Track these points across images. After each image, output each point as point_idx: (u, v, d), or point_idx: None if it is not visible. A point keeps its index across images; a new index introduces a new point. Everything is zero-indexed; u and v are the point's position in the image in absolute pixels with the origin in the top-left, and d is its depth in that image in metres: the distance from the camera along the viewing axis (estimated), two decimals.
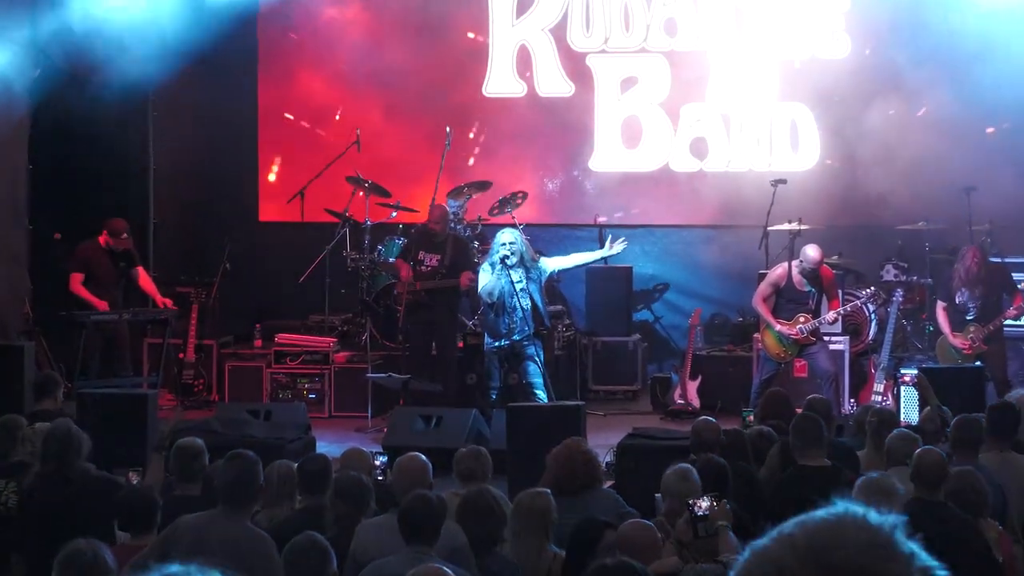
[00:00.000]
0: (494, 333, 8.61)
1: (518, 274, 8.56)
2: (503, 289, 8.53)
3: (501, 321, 8.56)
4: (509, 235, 8.56)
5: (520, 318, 8.50)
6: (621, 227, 11.40)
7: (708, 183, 11.08)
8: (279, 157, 11.81)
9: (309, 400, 9.76)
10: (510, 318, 8.53)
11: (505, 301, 8.55)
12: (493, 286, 8.49)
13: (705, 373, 9.87)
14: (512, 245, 8.49)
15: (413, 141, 11.43)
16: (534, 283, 8.61)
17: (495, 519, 4.55)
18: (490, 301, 8.59)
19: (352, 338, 10.49)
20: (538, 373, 8.56)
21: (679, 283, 11.41)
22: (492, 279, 8.51)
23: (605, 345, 10.55)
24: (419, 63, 11.38)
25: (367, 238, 10.43)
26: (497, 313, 8.59)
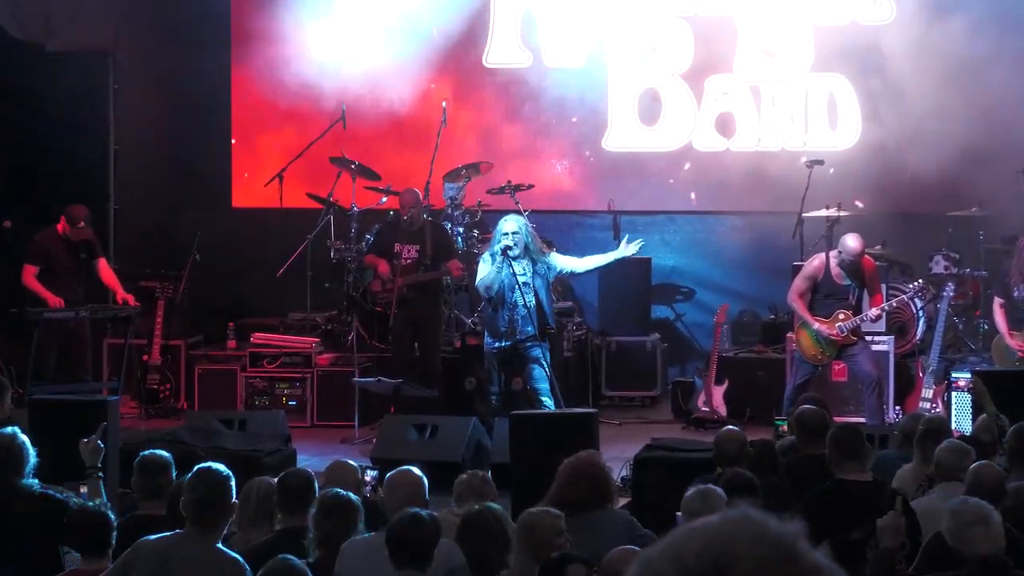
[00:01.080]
0: (494, 331, 8.62)
1: (521, 266, 8.53)
2: (503, 282, 8.51)
3: (500, 317, 8.55)
4: (513, 223, 8.55)
5: (523, 315, 8.49)
6: (638, 214, 11.46)
7: (736, 164, 11.07)
8: (255, 135, 11.84)
9: (289, 408, 9.80)
10: (510, 314, 8.52)
11: (505, 295, 8.53)
12: (492, 279, 8.48)
13: (732, 377, 9.90)
14: (516, 235, 8.47)
15: (405, 118, 11.45)
16: (540, 278, 8.57)
17: (499, 542, 4.56)
18: (487, 296, 8.59)
19: (337, 338, 10.50)
20: (544, 377, 8.55)
21: (703, 276, 11.43)
22: (491, 271, 8.49)
23: (620, 346, 10.59)
24: (411, 31, 11.39)
25: (354, 226, 10.42)
26: (496, 308, 8.59)
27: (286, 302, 10.83)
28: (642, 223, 11.44)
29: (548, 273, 8.59)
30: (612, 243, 11.28)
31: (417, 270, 9.42)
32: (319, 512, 4.85)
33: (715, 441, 5.99)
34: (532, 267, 8.53)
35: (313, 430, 9.80)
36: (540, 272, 8.57)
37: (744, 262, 11.25)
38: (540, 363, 8.55)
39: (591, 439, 6.98)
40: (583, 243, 11.42)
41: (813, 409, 6.45)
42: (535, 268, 8.54)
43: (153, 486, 5.40)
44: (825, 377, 9.28)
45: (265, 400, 9.97)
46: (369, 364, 9.91)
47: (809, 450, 6.06)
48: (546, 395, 8.51)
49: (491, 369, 8.75)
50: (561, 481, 5.38)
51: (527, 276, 8.52)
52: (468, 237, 10.55)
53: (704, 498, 4.95)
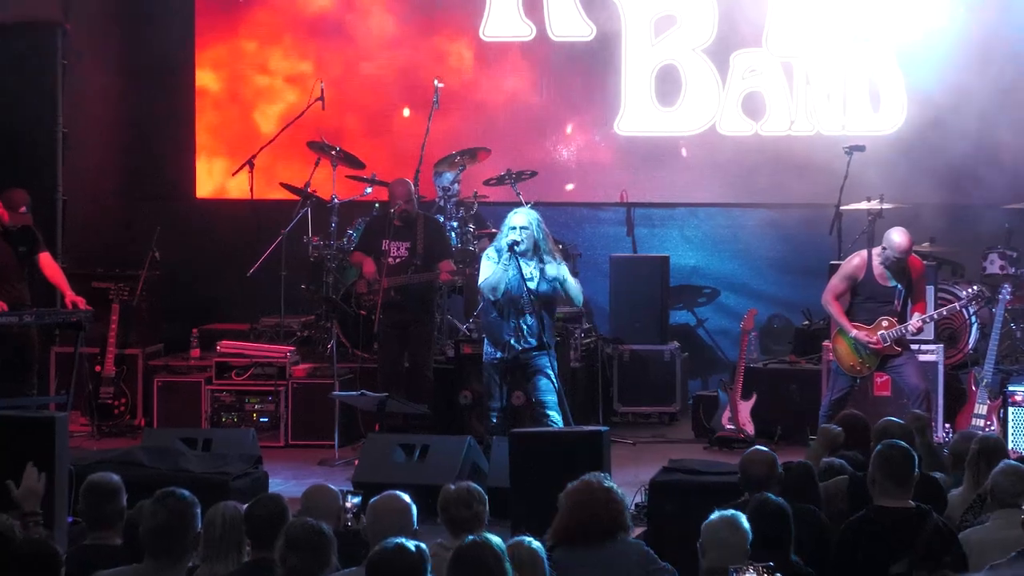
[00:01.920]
0: (496, 340, 8.59)
1: (529, 268, 8.51)
2: (510, 283, 8.47)
3: (506, 325, 8.53)
4: (523, 216, 8.55)
5: (530, 323, 8.50)
6: (654, 206, 11.50)
7: (765, 150, 11.10)
8: (222, 117, 11.83)
9: (260, 425, 9.85)
10: (518, 321, 8.51)
11: (512, 298, 8.49)
12: (498, 279, 8.44)
13: (761, 391, 9.91)
14: (525, 230, 8.44)
15: (392, 98, 11.47)
16: (547, 283, 8.55)
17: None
18: (493, 298, 8.54)
19: (315, 347, 10.55)
20: (551, 390, 8.55)
21: (728, 277, 11.44)
22: (497, 270, 8.45)
23: (635, 355, 10.63)
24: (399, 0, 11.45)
25: (334, 220, 10.46)
26: (502, 313, 8.54)
27: (257, 305, 10.89)
28: (659, 217, 11.49)
29: (558, 278, 8.57)
30: (625, 239, 11.40)
31: (407, 270, 9.45)
32: (285, 544, 4.81)
33: (741, 463, 5.98)
34: (541, 270, 8.52)
35: (287, 451, 9.83)
36: (549, 278, 8.55)
37: (775, 261, 11.27)
38: (546, 374, 8.56)
39: (601, 460, 6.97)
40: (593, 239, 11.52)
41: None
42: (544, 272, 8.53)
43: (102, 513, 5.39)
44: (866, 391, 9.30)
45: (233, 416, 10.00)
46: (351, 376, 9.95)
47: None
48: (553, 409, 8.55)
49: (490, 382, 8.74)
50: (567, 508, 5.38)
51: (535, 280, 8.52)
52: (463, 233, 10.58)
53: (728, 526, 4.94)
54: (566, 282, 8.57)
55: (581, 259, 11.09)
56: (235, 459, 7.81)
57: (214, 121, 11.84)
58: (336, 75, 11.38)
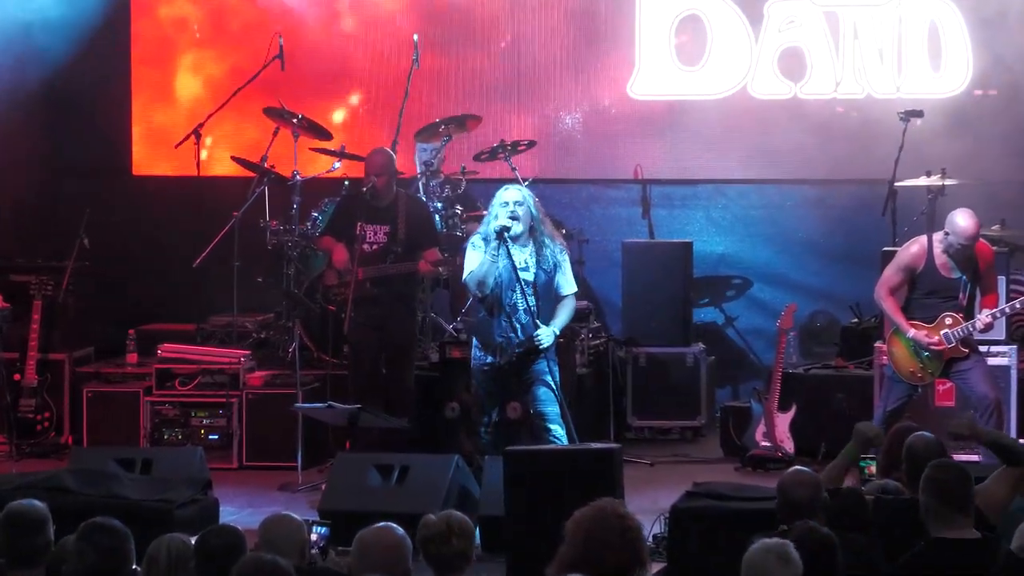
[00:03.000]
0: (487, 342, 8.58)
1: (523, 255, 8.50)
2: (500, 276, 8.45)
3: (496, 324, 8.51)
4: (515, 192, 8.54)
5: (525, 321, 8.47)
6: (675, 183, 11.47)
7: (806, 116, 11.07)
8: (163, 77, 11.75)
9: (209, 443, 9.83)
10: (510, 321, 8.49)
11: (503, 294, 8.47)
12: (485, 271, 8.43)
13: (802, 401, 9.92)
14: (519, 206, 8.43)
15: (365, 56, 11.42)
16: (544, 272, 8.52)
17: None
18: (480, 294, 8.54)
19: (274, 350, 10.54)
20: (552, 400, 8.52)
21: (763, 266, 11.39)
22: (484, 260, 8.44)
23: (652, 359, 10.61)
24: None
25: (296, 200, 10.43)
26: (492, 311, 8.53)
27: (205, 302, 10.85)
28: (680, 196, 11.45)
29: (556, 265, 8.53)
30: (640, 222, 11.39)
31: (385, 259, 9.42)
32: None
33: (779, 486, 6.00)
34: (537, 255, 8.50)
35: (242, 473, 9.84)
36: (546, 267, 8.51)
37: (818, 247, 11.23)
38: (547, 381, 8.52)
39: (613, 484, 6.98)
40: (603, 222, 11.50)
41: (926, 437, 6.53)
42: (540, 258, 8.51)
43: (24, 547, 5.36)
44: (926, 401, 9.32)
45: (177, 433, 10.00)
46: (317, 385, 9.97)
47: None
48: (555, 423, 8.52)
49: (481, 391, 8.76)
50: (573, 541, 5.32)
51: (530, 269, 8.49)
52: (448, 216, 10.56)
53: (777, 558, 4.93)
54: (561, 269, 8.53)
55: (588, 246, 11.09)
56: (180, 484, 7.80)
57: (153, 83, 11.78)
58: (301, 26, 11.35)
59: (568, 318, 8.66)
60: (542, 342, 8.39)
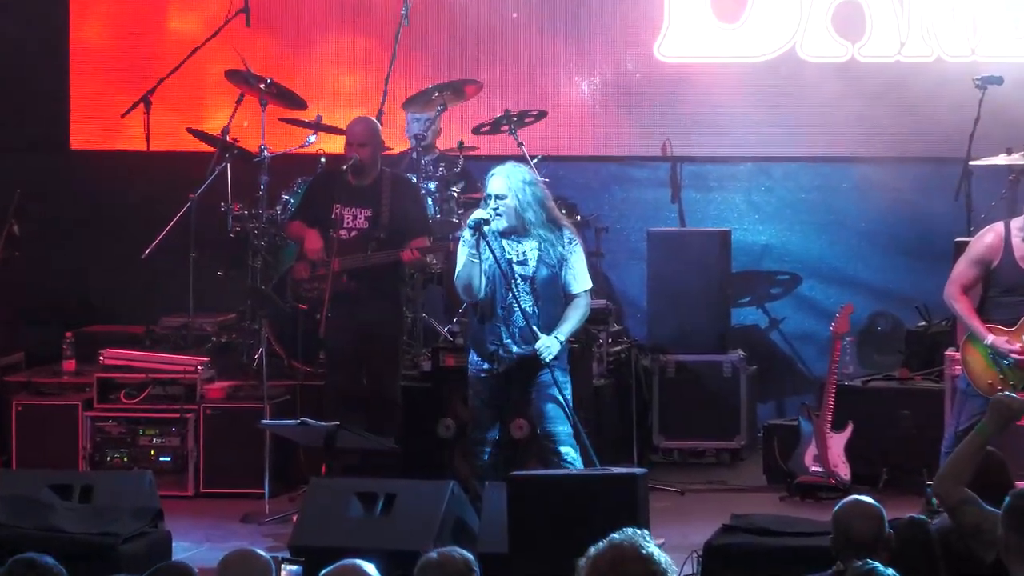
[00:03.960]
0: (482, 349, 8.59)
1: (522, 247, 8.50)
2: (493, 275, 8.45)
3: (489, 330, 8.52)
4: (500, 181, 8.47)
5: (521, 326, 8.46)
6: (711, 161, 11.47)
7: (866, 83, 11.05)
8: (107, 37, 11.73)
9: (160, 467, 9.83)
10: (506, 326, 8.50)
11: (496, 294, 8.48)
12: (469, 273, 8.47)
13: (859, 418, 9.87)
14: (501, 201, 8.39)
15: (345, 11, 11.44)
16: (547, 267, 8.50)
17: None
18: (469, 298, 8.60)
19: (237, 357, 10.56)
20: (564, 417, 8.50)
21: (814, 259, 11.39)
22: (467, 261, 8.47)
23: (683, 369, 10.63)
24: None
25: (264, 180, 10.44)
26: (484, 317, 8.54)
27: (156, 300, 10.93)
28: (717, 176, 11.44)
29: (563, 258, 8.53)
30: (669, 207, 11.43)
31: (366, 248, 9.42)
32: None
33: (834, 519, 5.97)
34: (538, 248, 8.50)
35: (199, 502, 9.84)
36: (549, 260, 8.50)
37: (879, 237, 11.23)
38: (556, 396, 8.49)
39: (636, 515, 6.95)
40: (625, 207, 11.50)
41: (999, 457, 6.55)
42: (541, 252, 8.50)
43: None
44: None
45: (122, 455, 9.96)
46: (288, 397, 9.99)
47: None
48: (567, 443, 8.49)
49: (479, 405, 8.70)
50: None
51: (528, 263, 8.49)
52: (443, 199, 10.56)
53: None
54: (569, 263, 8.49)
55: (608, 235, 11.06)
56: (125, 514, 7.77)
57: (95, 42, 11.77)
58: None
59: (578, 322, 8.62)
60: (543, 354, 8.37)
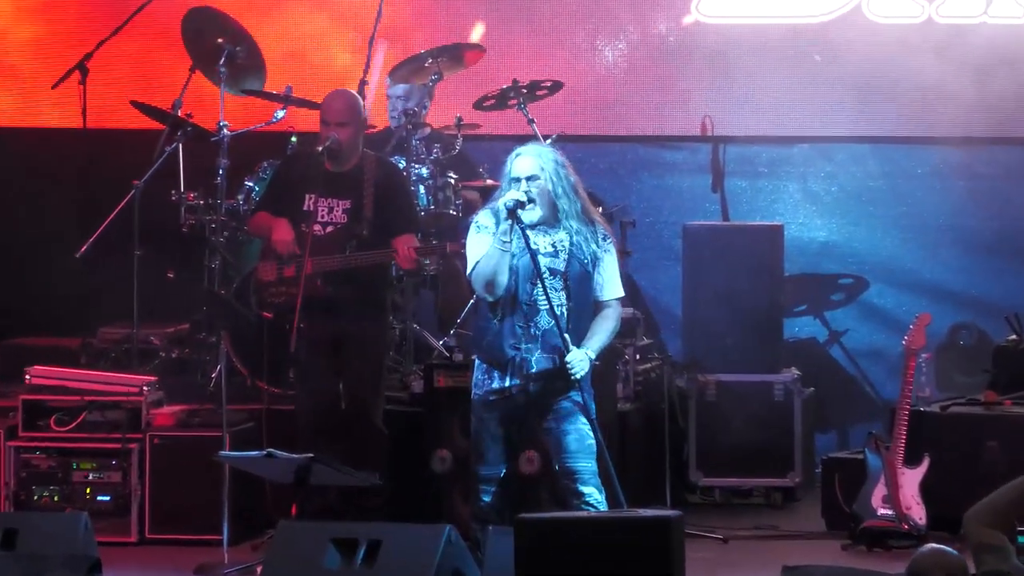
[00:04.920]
0: (494, 358, 8.57)
1: (548, 240, 8.57)
2: (518, 268, 8.48)
3: (508, 331, 8.54)
4: (529, 162, 8.56)
5: (547, 328, 8.51)
6: (759, 142, 11.56)
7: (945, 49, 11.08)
8: None
9: (99, 507, 9.97)
10: (527, 327, 8.51)
11: (519, 287, 8.47)
12: (495, 265, 8.47)
13: (938, 450, 10.00)
14: (534, 183, 8.47)
15: None
16: (580, 263, 8.58)
17: None
18: (491, 296, 8.57)
19: (191, 376, 10.73)
20: (588, 452, 8.55)
21: (884, 259, 11.47)
22: (492, 251, 8.47)
23: (725, 391, 10.73)
24: None
25: (223, 163, 10.60)
26: (503, 316, 8.55)
27: (93, 307, 10.93)
28: (767, 159, 11.51)
29: (596, 256, 8.61)
30: (709, 198, 11.52)
31: (344, 246, 9.51)
32: None
33: (910, 572, 6.26)
34: (568, 243, 8.57)
35: (144, 550, 9.99)
36: (581, 256, 8.57)
37: (962, 233, 11.28)
38: (581, 424, 8.52)
39: (670, 567, 7.05)
40: (657, 197, 11.63)
41: None
42: (572, 245, 8.57)
43: None
44: None
45: (53, 493, 10.06)
46: (251, 424, 10.14)
47: None
48: (590, 482, 8.54)
49: (482, 434, 8.73)
50: None
51: (560, 255, 8.53)
52: (438, 187, 10.64)
53: None
54: (602, 263, 8.60)
55: (636, 231, 11.06)
56: (56, 564, 7.87)
57: None
58: None
59: (609, 338, 8.68)
60: (574, 371, 8.37)
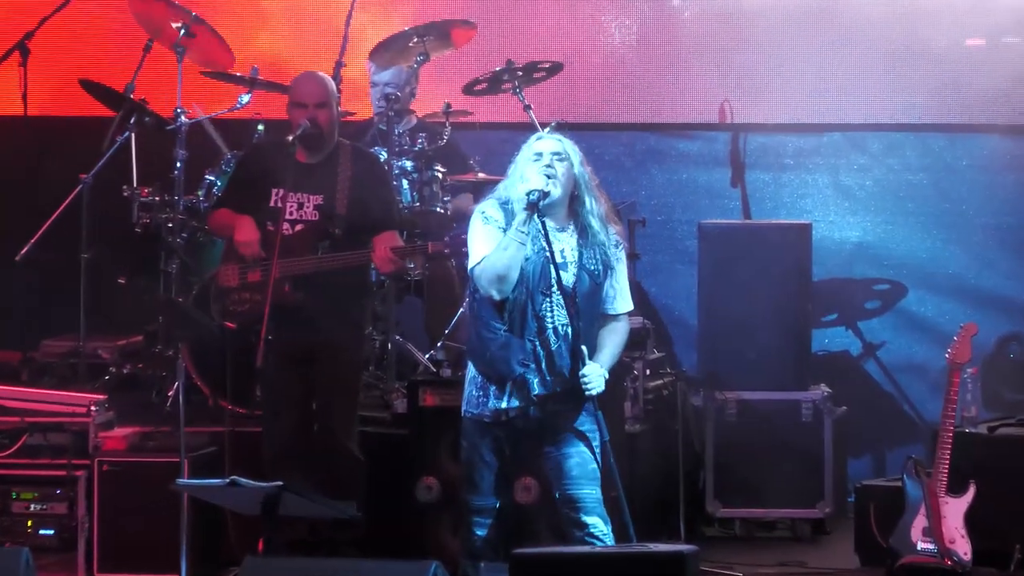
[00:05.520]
0: (496, 374, 8.67)
1: (566, 239, 8.71)
2: (533, 267, 8.60)
3: (518, 347, 8.59)
4: (553, 142, 8.74)
5: (559, 340, 8.60)
6: (785, 130, 11.62)
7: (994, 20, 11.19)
8: None
9: (42, 542, 10.14)
10: (535, 344, 8.57)
11: (532, 299, 8.59)
12: (509, 259, 8.56)
13: (985, 477, 10.02)
14: (560, 161, 8.65)
15: None
16: (589, 275, 8.68)
17: None
18: (498, 295, 8.62)
19: (145, 394, 10.78)
20: (592, 477, 8.65)
21: (924, 262, 11.54)
22: (507, 240, 8.55)
23: (747, 411, 10.77)
24: None
25: (181, 155, 10.65)
26: (512, 327, 8.59)
27: (36, 317, 11.09)
28: (794, 150, 11.61)
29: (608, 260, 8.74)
30: (728, 193, 11.68)
31: (316, 247, 9.59)
32: None
33: None
34: (580, 250, 8.69)
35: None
36: (592, 267, 8.68)
37: (1010, 233, 11.36)
38: (585, 447, 8.62)
39: None
40: (668, 192, 11.75)
41: None
42: (583, 255, 8.68)
43: None
44: None
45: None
46: (213, 449, 10.22)
47: None
48: (595, 512, 8.61)
49: (477, 461, 8.84)
50: None
51: (568, 268, 8.66)
52: (424, 181, 10.73)
53: None
54: (615, 274, 8.73)
55: (645, 230, 11.16)
56: None
57: None
58: None
59: (619, 352, 8.82)
60: (590, 386, 8.48)
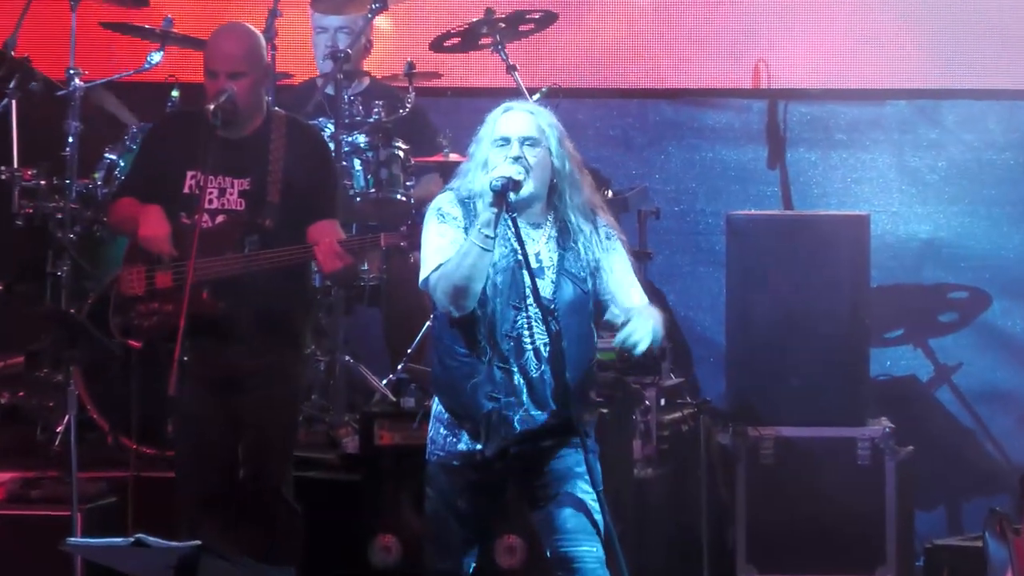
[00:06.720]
0: (464, 412, 8.78)
1: (539, 237, 8.86)
2: (497, 279, 8.68)
3: (484, 379, 8.75)
4: (521, 118, 8.85)
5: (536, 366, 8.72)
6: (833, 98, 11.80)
7: None
8: None
9: None
10: (508, 371, 8.71)
11: (499, 313, 8.74)
12: (470, 267, 8.68)
13: None
14: (531, 148, 8.74)
15: None
16: (572, 280, 8.87)
17: None
18: (456, 310, 8.76)
19: (28, 429, 10.93)
20: (590, 532, 8.75)
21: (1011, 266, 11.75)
22: (468, 245, 8.68)
23: (788, 450, 10.88)
24: None
25: (74, 126, 10.84)
26: (479, 353, 8.72)
27: None
28: (846, 122, 11.92)
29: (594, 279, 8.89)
30: (764, 176, 11.90)
31: (243, 243, 9.74)
32: None
33: None
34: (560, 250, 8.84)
35: None
36: (576, 269, 8.86)
37: None
38: (576, 488, 8.74)
39: None
40: (689, 176, 11.92)
41: None
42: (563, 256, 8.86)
43: None
44: None
45: None
46: (113, 499, 10.45)
47: None
48: (594, 573, 8.72)
49: (443, 512, 8.96)
50: None
51: (545, 274, 8.82)
52: (381, 161, 11.29)
53: None
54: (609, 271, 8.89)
55: (659, 223, 11.28)
56: None
57: None
58: None
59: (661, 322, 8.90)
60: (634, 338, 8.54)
